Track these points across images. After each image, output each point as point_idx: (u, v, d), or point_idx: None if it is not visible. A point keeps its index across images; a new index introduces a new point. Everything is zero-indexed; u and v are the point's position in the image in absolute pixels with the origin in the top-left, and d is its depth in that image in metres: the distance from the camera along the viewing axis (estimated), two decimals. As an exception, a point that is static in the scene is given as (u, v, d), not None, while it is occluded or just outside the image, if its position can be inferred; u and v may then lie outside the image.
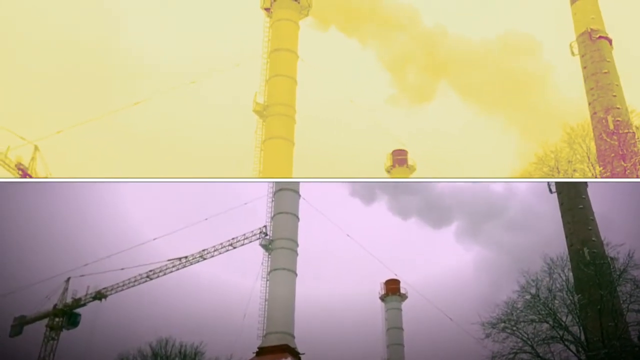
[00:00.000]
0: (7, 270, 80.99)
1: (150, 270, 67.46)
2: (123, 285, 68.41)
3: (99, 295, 68.68)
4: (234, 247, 64.49)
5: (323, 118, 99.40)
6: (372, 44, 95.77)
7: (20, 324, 68.58)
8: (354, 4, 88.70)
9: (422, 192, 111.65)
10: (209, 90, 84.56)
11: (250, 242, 63.49)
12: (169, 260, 67.30)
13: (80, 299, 69.24)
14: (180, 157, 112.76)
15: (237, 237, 64.09)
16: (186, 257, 67.00)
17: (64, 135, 64.93)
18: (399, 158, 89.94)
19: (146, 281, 67.78)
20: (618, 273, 38.79)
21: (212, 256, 65.76)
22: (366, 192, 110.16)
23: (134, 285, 68.20)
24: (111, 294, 68.95)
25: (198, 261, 67.01)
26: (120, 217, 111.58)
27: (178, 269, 67.62)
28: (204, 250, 66.13)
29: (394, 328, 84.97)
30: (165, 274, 67.67)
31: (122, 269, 67.93)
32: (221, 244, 64.73)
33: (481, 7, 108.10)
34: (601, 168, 48.31)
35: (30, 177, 61.01)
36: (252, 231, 63.43)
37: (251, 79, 68.97)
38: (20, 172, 59.81)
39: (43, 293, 68.57)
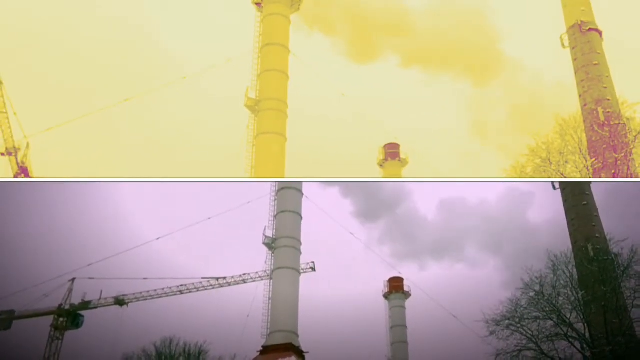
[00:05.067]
0: (10, 267, 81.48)
1: (182, 285, 67.53)
2: (149, 296, 68.27)
3: (120, 302, 68.48)
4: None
5: (315, 112, 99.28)
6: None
7: (9, 318, 67.77)
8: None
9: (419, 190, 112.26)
10: (200, 86, 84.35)
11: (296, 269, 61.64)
12: (203, 278, 67.67)
13: (89, 301, 68.85)
14: (171, 154, 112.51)
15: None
16: (224, 277, 67.13)
17: (53, 133, 64.93)
18: (391, 152, 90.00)
19: (176, 295, 67.88)
20: (622, 269, 38.72)
21: (254, 280, 65.00)
22: (364, 189, 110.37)
23: (160, 297, 68.08)
24: (132, 302, 68.71)
25: (238, 283, 66.72)
26: (124, 219, 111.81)
27: (214, 288, 67.67)
28: (245, 274, 66.16)
29: (398, 326, 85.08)
30: (198, 291, 67.79)
31: (145, 278, 68.13)
32: (265, 270, 63.01)
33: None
34: (593, 159, 48.19)
35: (28, 175, 61.64)
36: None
37: (243, 74, 68.62)
38: (19, 171, 60.48)
39: (39, 291, 68.15)
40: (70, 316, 68.48)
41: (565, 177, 48.77)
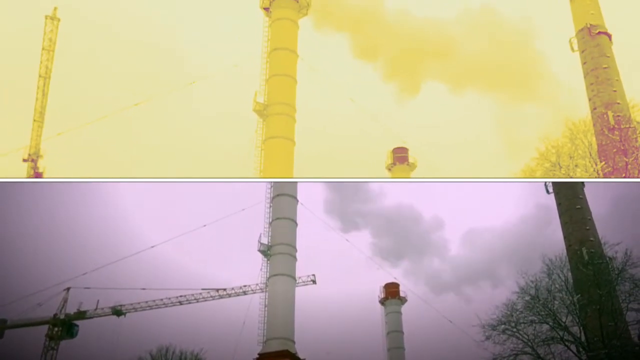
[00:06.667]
0: (3, 274, 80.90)
1: (182, 296, 67.15)
2: (147, 307, 67.84)
3: (117, 312, 67.92)
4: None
5: (323, 117, 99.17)
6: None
7: (1, 328, 67.27)
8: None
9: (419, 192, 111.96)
10: (209, 90, 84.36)
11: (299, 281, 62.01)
12: (203, 289, 67.24)
13: (85, 311, 68.27)
14: (179, 159, 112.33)
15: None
16: (224, 289, 66.77)
17: (63, 138, 65.14)
18: (400, 156, 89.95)
19: (175, 306, 67.44)
20: (616, 272, 38.83)
21: (254, 292, 64.20)
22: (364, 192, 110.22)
23: (158, 307, 67.63)
24: (130, 312, 68.15)
25: (238, 295, 66.04)
26: (123, 223, 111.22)
27: (214, 299, 67.14)
28: (245, 286, 65.62)
29: (394, 331, 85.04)
30: (198, 302, 67.30)
31: (144, 288, 67.92)
32: (264, 282, 61.88)
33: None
34: (603, 163, 48.00)
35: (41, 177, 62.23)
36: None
37: (251, 79, 68.92)
38: (34, 175, 61.14)
39: (34, 300, 67.73)
40: (64, 326, 68.10)
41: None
